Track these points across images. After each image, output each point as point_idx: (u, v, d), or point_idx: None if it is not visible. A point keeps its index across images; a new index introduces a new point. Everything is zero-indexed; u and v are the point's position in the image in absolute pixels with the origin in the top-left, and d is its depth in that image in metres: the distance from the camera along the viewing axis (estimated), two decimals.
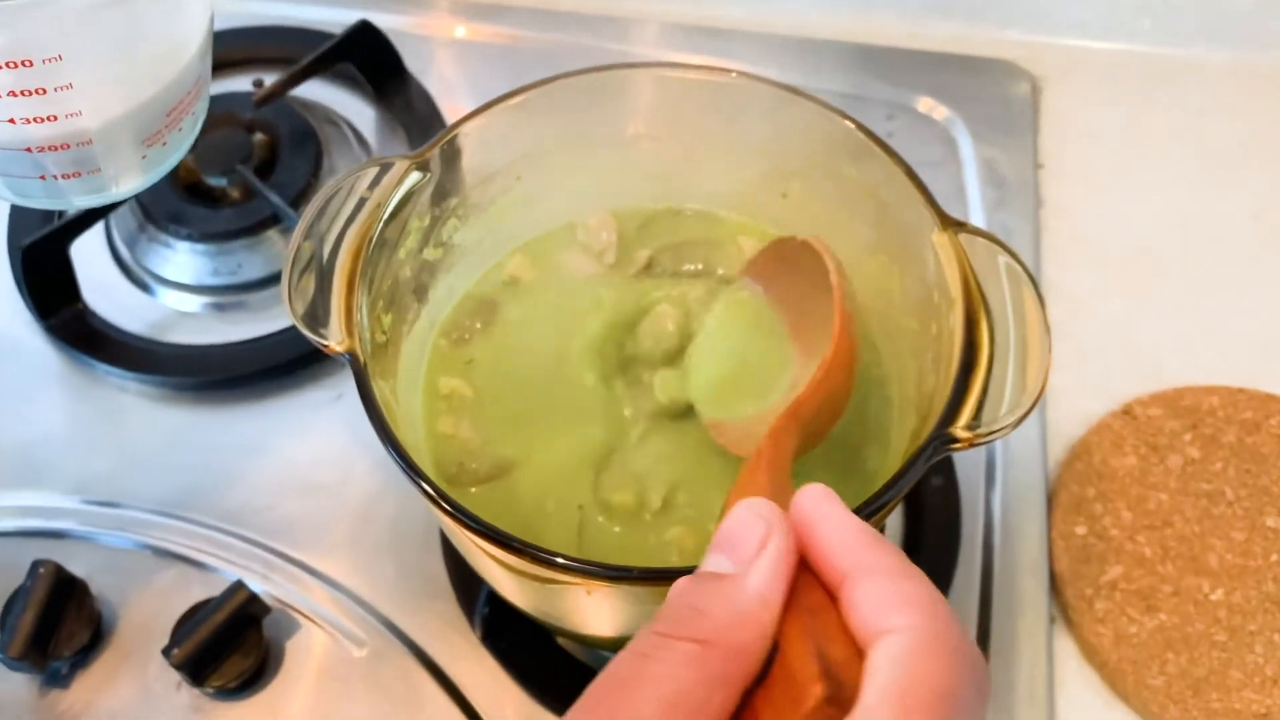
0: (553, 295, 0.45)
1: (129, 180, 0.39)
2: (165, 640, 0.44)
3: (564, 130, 0.43)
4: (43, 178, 0.37)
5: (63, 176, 0.37)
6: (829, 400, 0.35)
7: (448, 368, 0.43)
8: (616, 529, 0.38)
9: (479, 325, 0.44)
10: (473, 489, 0.40)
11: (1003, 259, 0.35)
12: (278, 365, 0.54)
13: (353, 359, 0.34)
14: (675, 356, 0.42)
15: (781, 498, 0.24)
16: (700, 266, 0.45)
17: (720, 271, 0.45)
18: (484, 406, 0.42)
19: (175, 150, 0.40)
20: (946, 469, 0.50)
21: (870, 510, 0.31)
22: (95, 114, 0.36)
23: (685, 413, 0.41)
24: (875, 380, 0.42)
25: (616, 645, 0.44)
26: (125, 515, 0.50)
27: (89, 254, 0.58)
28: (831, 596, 0.21)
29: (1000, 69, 0.65)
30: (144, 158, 0.38)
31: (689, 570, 0.29)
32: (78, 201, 0.39)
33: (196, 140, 0.49)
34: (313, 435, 0.52)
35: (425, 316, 0.43)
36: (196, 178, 0.60)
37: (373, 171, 0.38)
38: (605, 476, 0.39)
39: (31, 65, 0.33)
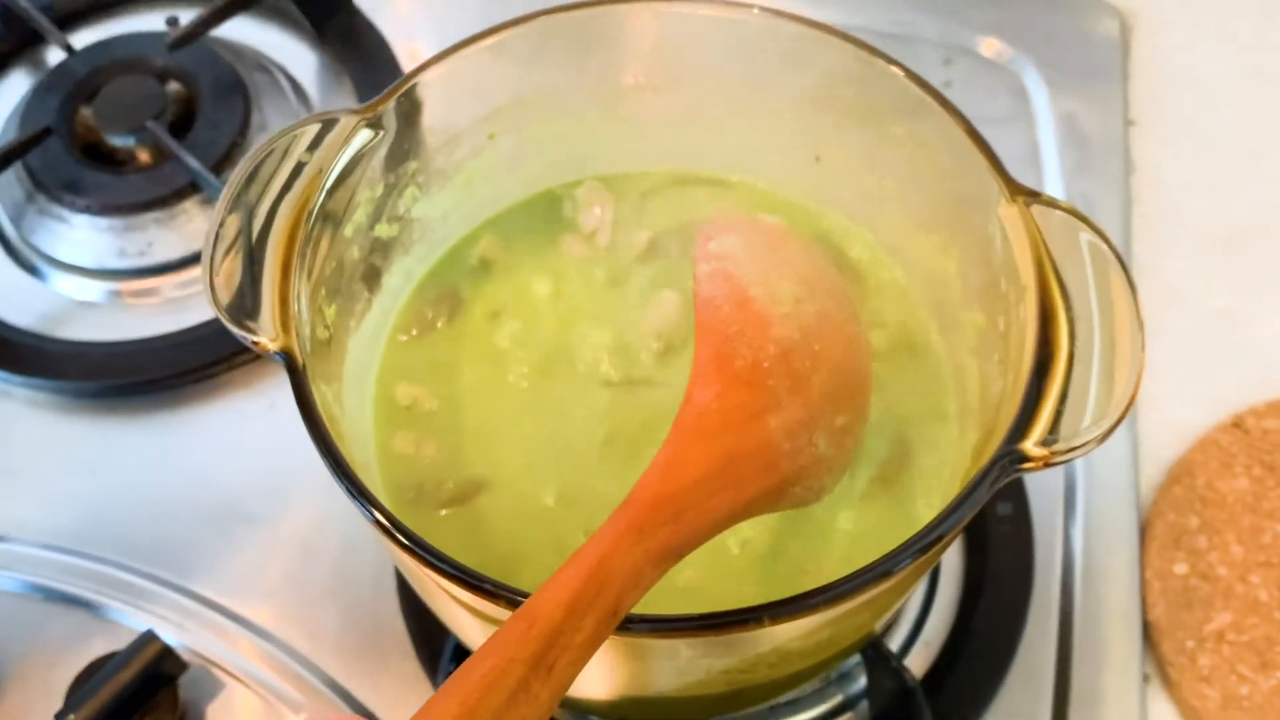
0: (532, 282, 0.45)
1: None
2: (59, 703, 0.44)
3: (547, 80, 0.43)
4: None
5: None
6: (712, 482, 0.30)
7: (405, 371, 0.43)
8: None
9: (443, 320, 0.44)
10: (435, 514, 0.40)
11: (1085, 237, 0.35)
12: (198, 367, 0.54)
13: (288, 359, 0.34)
14: (680, 354, 0.42)
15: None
16: None
17: None
18: (448, 417, 0.42)
19: None
20: (1017, 494, 0.50)
21: (920, 547, 0.31)
22: None
23: None
24: (928, 387, 0.42)
25: (610, 710, 0.44)
26: (11, 551, 0.50)
27: None
28: None
29: (1081, 3, 0.65)
30: None
31: (694, 617, 0.30)
32: None
33: (98, 90, 0.48)
34: (241, 453, 0.52)
35: (377, 308, 0.43)
36: (97, 137, 0.60)
37: (313, 129, 0.38)
38: (595, 501, 0.39)
39: None
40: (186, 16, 0.62)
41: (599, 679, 0.37)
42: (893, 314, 0.44)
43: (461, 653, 0.45)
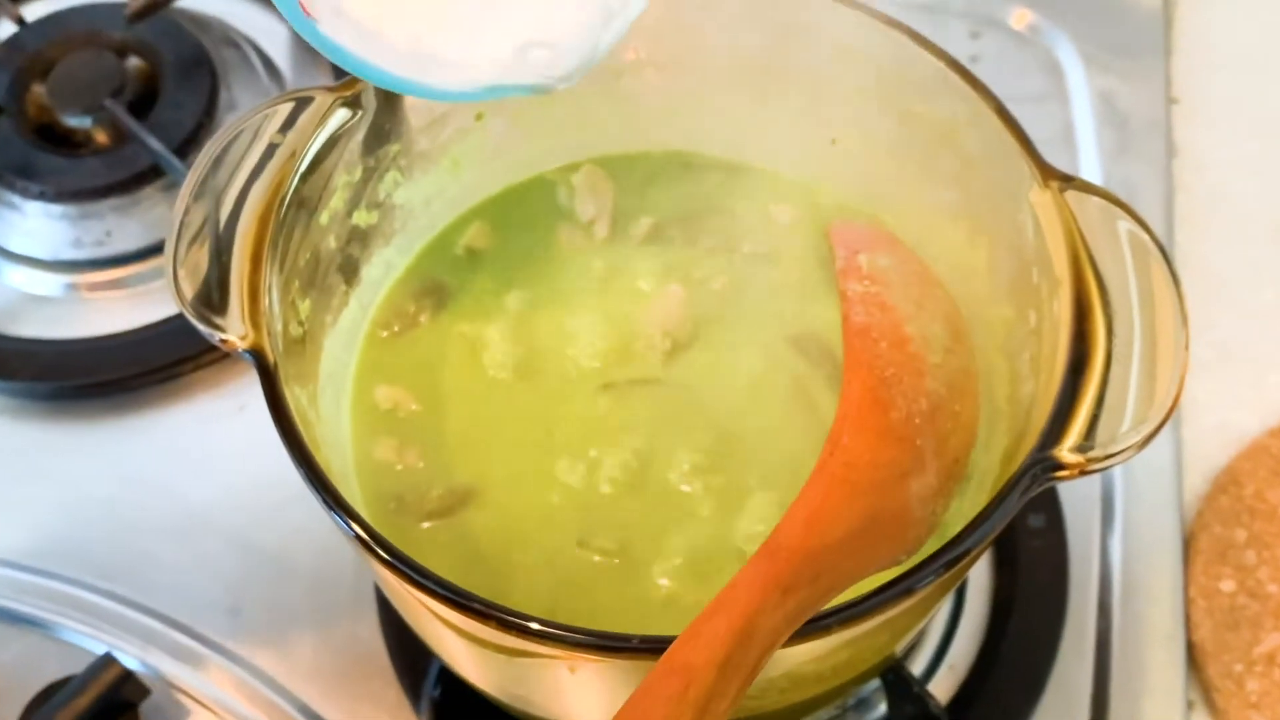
0: (525, 275, 0.45)
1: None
2: None
3: None
4: None
5: None
6: (859, 523, 0.30)
7: (385, 371, 0.43)
8: (605, 582, 0.38)
9: (426, 315, 0.44)
10: (419, 527, 0.40)
11: (1124, 225, 0.35)
12: (161, 366, 0.54)
13: (259, 358, 0.34)
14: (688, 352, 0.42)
15: None
16: (721, 240, 0.45)
17: (746, 247, 0.45)
18: (432, 422, 0.42)
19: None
20: (1050, 505, 0.50)
21: (945, 562, 0.31)
22: None
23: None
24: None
25: None
26: None
27: None
28: None
29: None
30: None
31: None
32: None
33: (52, 66, 0.48)
34: (208, 460, 0.52)
35: (355, 302, 0.43)
36: (51, 117, 0.60)
37: (286, 109, 0.38)
38: (593, 513, 0.39)
39: None
40: None
41: (602, 705, 0.37)
42: None
43: (447, 677, 0.45)
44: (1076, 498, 0.50)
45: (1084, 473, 0.32)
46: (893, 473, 0.31)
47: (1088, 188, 0.36)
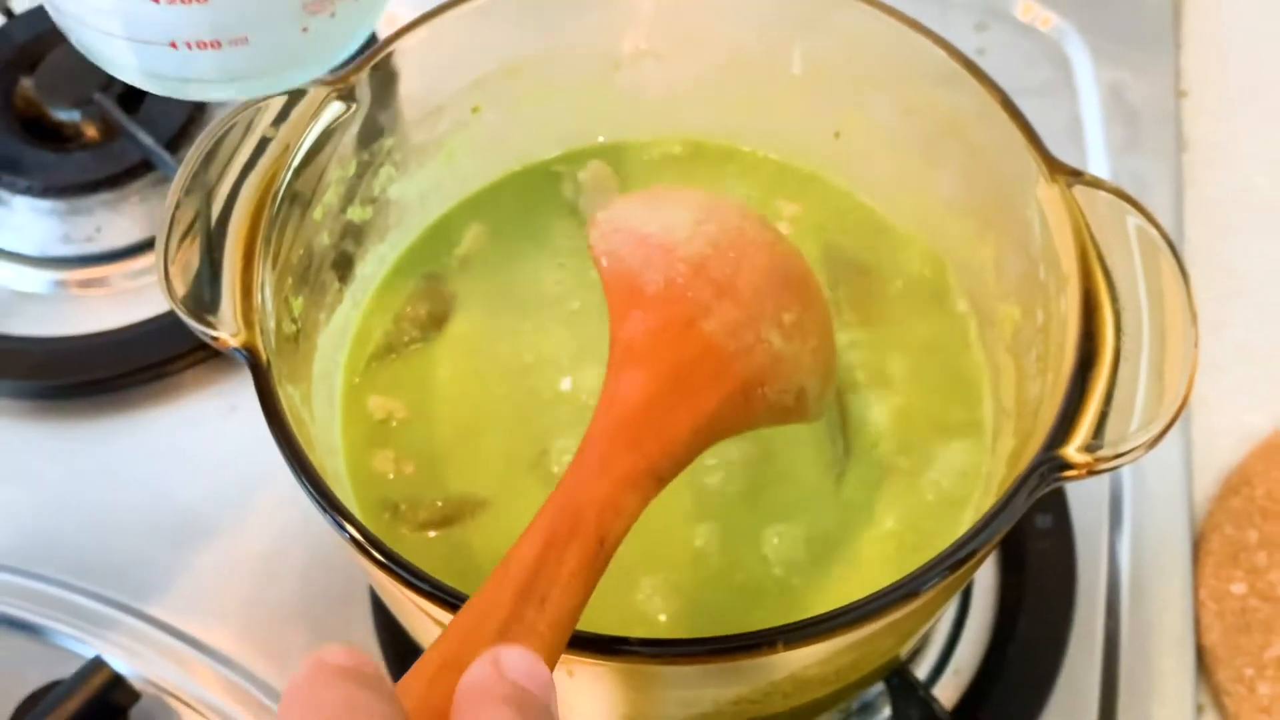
0: (526, 273, 0.45)
1: (282, 62, 0.38)
2: None
3: (538, 46, 0.43)
4: (173, 45, 0.36)
5: (196, 45, 0.36)
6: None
7: (379, 379, 0.43)
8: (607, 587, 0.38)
9: (421, 316, 0.44)
10: (414, 533, 0.40)
11: (1133, 221, 0.35)
12: (151, 365, 0.54)
13: (251, 356, 0.34)
14: None
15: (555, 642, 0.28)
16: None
17: None
18: (429, 424, 0.42)
19: (347, 29, 0.39)
20: (1057, 505, 0.50)
21: (951, 564, 0.31)
22: None
23: None
24: (959, 385, 0.42)
25: None
26: None
27: None
28: None
29: None
30: (305, 30, 0.38)
31: (702, 641, 0.30)
32: (215, 92, 0.39)
33: (40, 59, 0.48)
34: (199, 460, 0.52)
35: (350, 300, 0.43)
36: (39, 110, 0.60)
37: (279, 102, 0.38)
38: None
39: None
40: None
41: (599, 709, 0.37)
42: (925, 305, 0.44)
43: None
44: (1084, 498, 0.50)
45: (1092, 473, 0.32)
46: (673, 328, 0.33)
47: (1096, 183, 0.36)
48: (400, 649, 0.47)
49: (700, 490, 0.40)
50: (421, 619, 0.34)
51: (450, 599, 0.31)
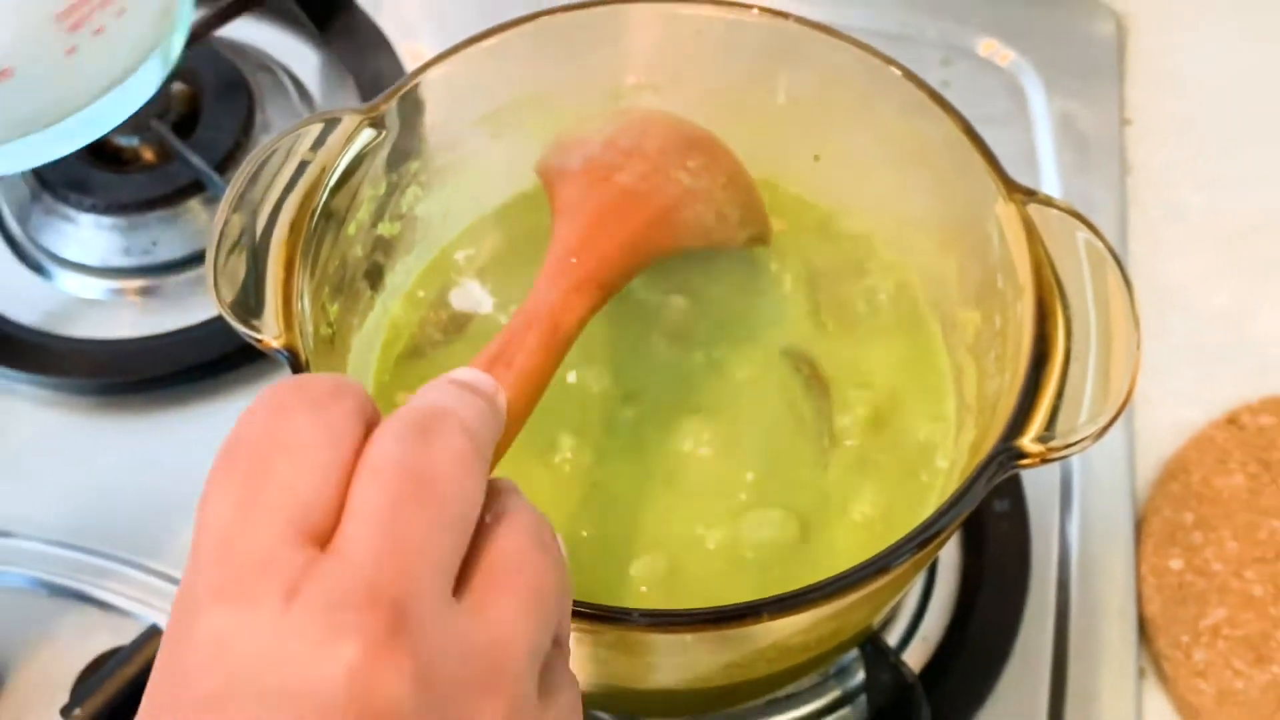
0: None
1: (58, 95, 0.34)
2: (65, 698, 0.44)
3: (548, 80, 0.43)
4: None
5: None
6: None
7: (405, 378, 0.43)
8: (595, 559, 0.38)
9: (446, 316, 0.44)
10: None
11: (1082, 236, 0.35)
12: (202, 364, 0.54)
13: (292, 356, 0.34)
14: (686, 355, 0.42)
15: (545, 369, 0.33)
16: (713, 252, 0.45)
17: (737, 257, 0.45)
18: None
19: (129, 50, 0.34)
20: (1014, 491, 0.50)
21: (921, 540, 0.31)
22: None
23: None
24: (927, 382, 0.42)
25: (614, 704, 0.44)
26: (16, 546, 0.50)
27: None
28: None
29: (1079, 4, 0.65)
30: (71, 52, 0.33)
31: (696, 612, 0.30)
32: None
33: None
34: None
35: (380, 306, 0.43)
36: (103, 137, 0.60)
37: (316, 129, 0.38)
38: (587, 499, 0.39)
39: None
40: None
41: (602, 671, 0.37)
42: (897, 312, 0.44)
43: None
44: (1038, 484, 0.50)
45: (1045, 461, 0.32)
46: (593, 187, 0.38)
47: (1048, 201, 0.36)
48: None
49: (698, 481, 0.40)
50: None
51: None
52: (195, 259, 0.57)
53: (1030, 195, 0.36)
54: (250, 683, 0.21)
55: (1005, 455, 0.32)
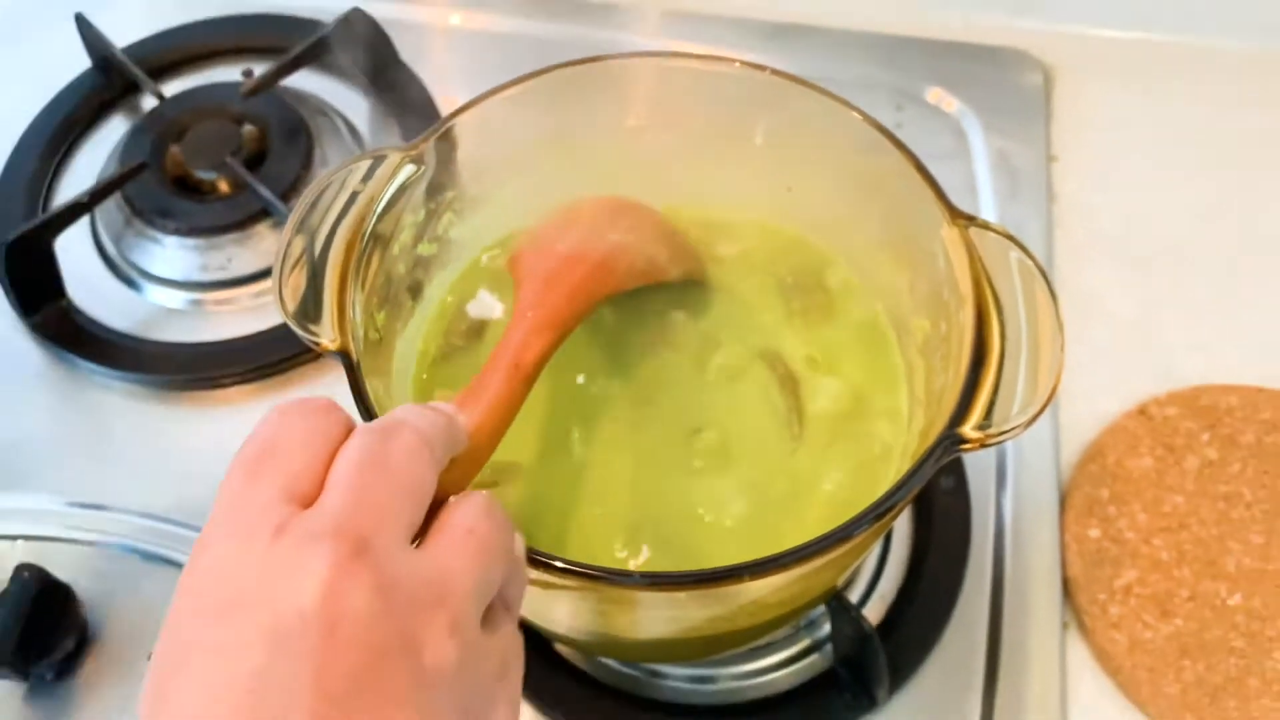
0: None
1: None
2: (151, 647, 0.44)
3: (562, 122, 0.43)
4: None
5: None
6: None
7: (442, 375, 0.43)
8: (605, 531, 0.38)
9: (474, 324, 0.44)
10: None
11: (1014, 254, 0.35)
12: (269, 364, 0.54)
13: (345, 357, 0.34)
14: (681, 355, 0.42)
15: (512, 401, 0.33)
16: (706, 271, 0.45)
17: (726, 274, 0.45)
18: None
19: None
20: (957, 470, 0.50)
21: (878, 513, 0.31)
22: None
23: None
24: (883, 379, 0.42)
25: (612, 649, 0.44)
26: (111, 518, 0.50)
27: (74, 249, 0.58)
28: None
29: (1012, 58, 0.65)
30: None
31: (687, 574, 0.30)
32: None
33: (185, 131, 0.47)
34: None
35: (420, 314, 0.43)
36: (185, 171, 0.60)
37: (366, 164, 0.38)
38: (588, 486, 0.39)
39: None
40: (259, 69, 0.63)
41: (607, 625, 0.37)
42: (858, 318, 0.44)
43: None
44: (977, 465, 0.50)
45: (983, 445, 0.32)
46: (543, 257, 0.39)
47: (986, 225, 0.36)
48: None
49: (688, 464, 0.40)
50: None
51: None
52: (263, 274, 0.57)
53: (970, 220, 0.36)
54: (247, 593, 0.24)
55: (949, 441, 0.32)
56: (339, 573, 0.23)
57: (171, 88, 0.64)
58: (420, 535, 0.27)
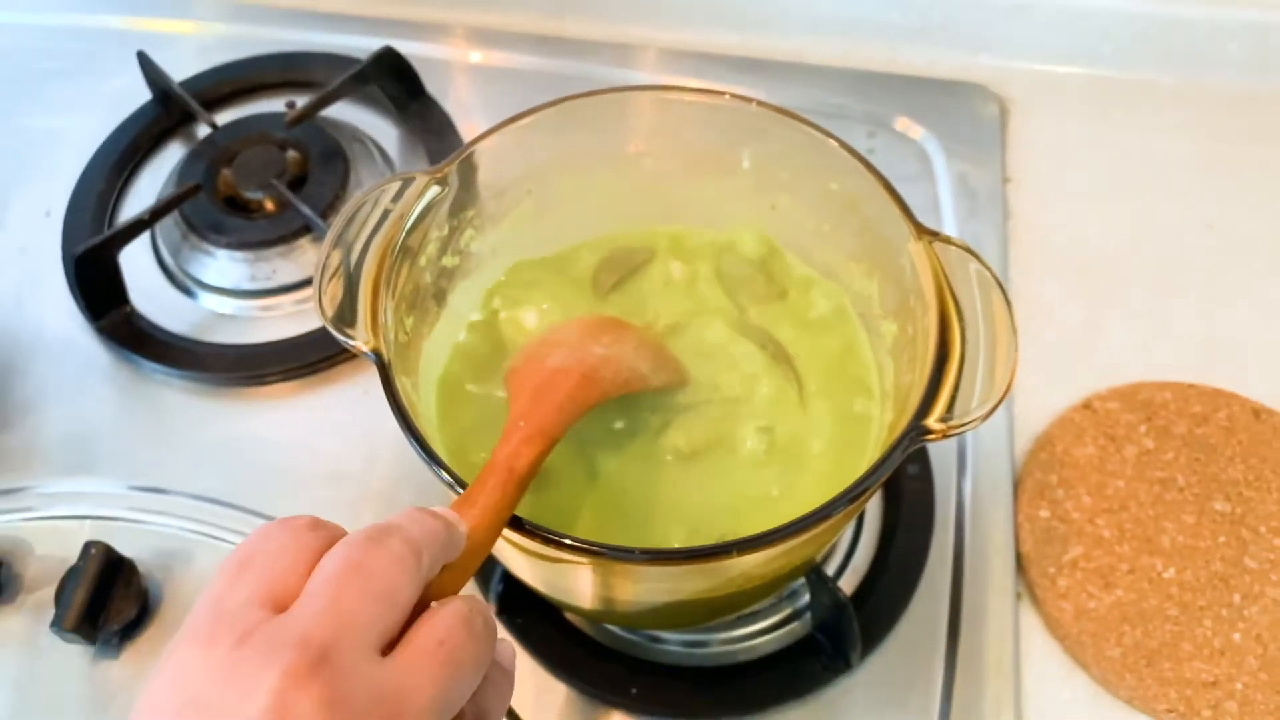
0: (560, 308, 0.44)
1: None
2: None
3: (570, 148, 0.43)
4: None
5: None
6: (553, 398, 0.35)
7: (471, 371, 0.42)
8: (622, 517, 0.38)
9: (490, 329, 0.44)
10: None
11: (974, 266, 0.35)
12: (309, 364, 0.54)
13: (378, 357, 0.34)
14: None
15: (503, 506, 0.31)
16: (707, 278, 0.45)
17: (724, 274, 0.45)
18: (499, 411, 0.42)
19: None
20: (922, 459, 0.50)
21: (852, 496, 0.31)
22: None
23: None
24: (857, 378, 0.42)
25: (615, 617, 0.44)
26: (170, 500, 0.50)
27: (137, 261, 0.58)
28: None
29: (971, 91, 0.65)
30: None
31: (681, 550, 0.30)
32: None
33: (235, 156, 0.47)
34: (341, 428, 0.52)
35: (444, 319, 0.43)
36: (235, 191, 0.60)
37: (396, 185, 0.38)
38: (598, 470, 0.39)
39: None
40: (301, 101, 0.62)
41: (611, 595, 0.37)
42: (835, 324, 0.44)
43: (508, 577, 0.46)
44: (941, 454, 0.50)
45: (946, 436, 0.32)
46: (532, 371, 0.37)
47: (948, 240, 0.36)
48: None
49: (682, 456, 0.40)
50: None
51: (521, 526, 0.31)
52: (304, 284, 0.57)
53: (934, 235, 0.36)
54: (201, 698, 0.22)
55: (915, 432, 0.32)
56: (290, 683, 0.22)
57: (223, 117, 0.64)
58: (397, 642, 0.24)
